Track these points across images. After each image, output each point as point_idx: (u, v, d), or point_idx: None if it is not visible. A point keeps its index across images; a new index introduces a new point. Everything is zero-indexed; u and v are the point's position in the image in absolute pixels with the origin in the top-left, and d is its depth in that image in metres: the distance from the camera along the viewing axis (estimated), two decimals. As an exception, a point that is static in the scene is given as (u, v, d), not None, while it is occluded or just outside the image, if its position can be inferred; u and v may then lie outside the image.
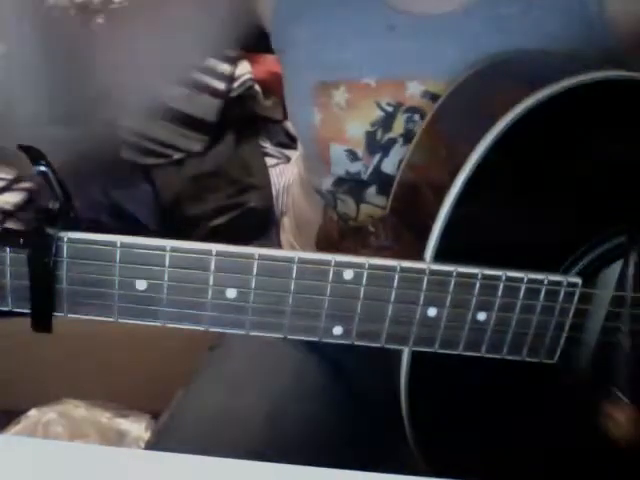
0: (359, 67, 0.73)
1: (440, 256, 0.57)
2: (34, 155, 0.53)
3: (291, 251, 0.55)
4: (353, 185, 0.77)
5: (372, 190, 0.76)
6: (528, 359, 0.59)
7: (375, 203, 0.76)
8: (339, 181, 0.79)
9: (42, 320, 0.55)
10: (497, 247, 0.59)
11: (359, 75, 0.73)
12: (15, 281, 0.53)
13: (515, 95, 0.57)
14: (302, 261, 0.54)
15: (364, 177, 0.76)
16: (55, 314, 0.55)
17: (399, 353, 0.60)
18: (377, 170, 0.75)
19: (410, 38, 0.72)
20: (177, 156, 1.44)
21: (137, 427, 1.28)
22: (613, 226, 0.60)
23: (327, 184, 0.80)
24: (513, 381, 0.62)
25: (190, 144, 1.44)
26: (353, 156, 0.75)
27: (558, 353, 0.60)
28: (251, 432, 0.73)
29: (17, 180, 1.39)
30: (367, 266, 0.54)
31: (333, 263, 0.54)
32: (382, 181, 0.75)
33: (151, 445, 0.76)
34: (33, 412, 1.27)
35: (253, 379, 0.79)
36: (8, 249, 0.52)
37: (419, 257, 0.57)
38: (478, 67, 0.67)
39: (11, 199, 1.34)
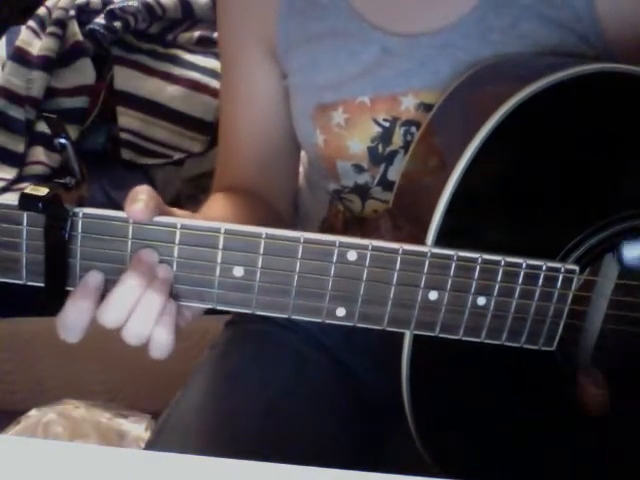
0: (353, 87, 0.74)
1: (440, 242, 0.58)
2: (56, 126, 0.53)
3: (297, 231, 0.56)
4: (359, 186, 0.79)
5: (378, 188, 0.77)
6: (527, 346, 0.60)
7: (380, 198, 0.77)
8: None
9: (54, 295, 0.55)
10: (497, 234, 0.60)
11: (354, 95, 0.74)
12: (30, 255, 0.54)
13: (511, 90, 0.58)
14: (307, 241, 0.55)
15: (371, 186, 0.77)
16: (68, 288, 0.55)
17: (400, 348, 0.61)
18: (384, 178, 0.76)
19: (403, 57, 0.73)
20: (177, 156, 1.44)
21: (137, 427, 1.28)
22: (613, 214, 0.60)
23: (333, 187, 0.81)
24: (514, 372, 0.63)
25: (190, 144, 1.44)
26: (359, 169, 0.77)
27: (557, 340, 0.60)
28: (248, 430, 0.73)
29: (17, 180, 1.39)
30: (370, 248, 0.56)
31: (337, 244, 0.55)
32: (388, 185, 0.76)
33: (149, 443, 0.76)
34: (33, 412, 1.27)
35: (251, 378, 0.79)
36: (25, 221, 0.53)
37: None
38: (468, 74, 0.68)
39: (11, 199, 1.34)
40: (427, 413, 0.64)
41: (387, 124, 0.74)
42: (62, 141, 0.53)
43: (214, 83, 1.42)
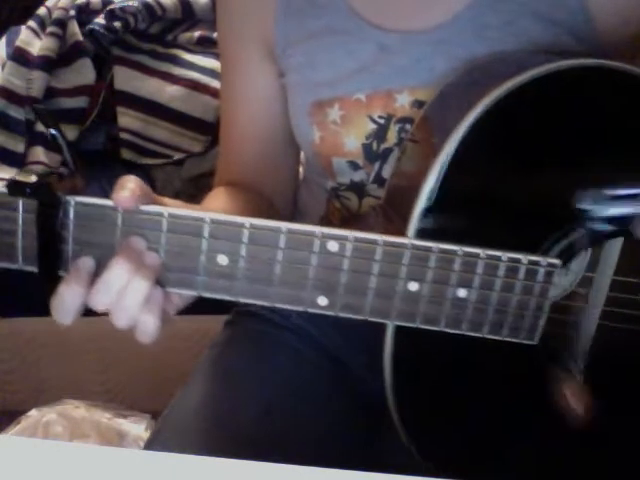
0: (349, 84, 0.75)
1: (421, 234, 0.59)
2: (47, 119, 0.55)
3: (279, 221, 0.57)
4: (355, 183, 0.79)
5: (373, 186, 0.78)
6: (508, 339, 0.60)
7: (377, 196, 0.78)
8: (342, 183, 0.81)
9: (48, 279, 0.57)
10: (478, 228, 0.60)
11: (350, 92, 0.75)
12: (25, 240, 0.56)
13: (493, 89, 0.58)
14: (290, 231, 0.56)
15: (367, 184, 0.78)
16: (60, 273, 0.57)
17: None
18: (378, 176, 0.77)
19: (399, 54, 0.73)
20: (177, 156, 1.44)
21: (137, 427, 1.28)
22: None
23: (330, 184, 0.82)
24: (500, 365, 0.63)
25: (190, 144, 1.44)
26: (355, 166, 0.77)
27: (538, 334, 0.61)
28: (246, 429, 0.73)
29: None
30: (351, 239, 0.57)
31: (319, 235, 0.57)
32: (383, 182, 0.77)
33: (149, 442, 0.76)
34: (33, 412, 1.27)
35: (250, 377, 0.79)
36: (21, 208, 0.55)
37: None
38: (459, 72, 0.68)
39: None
40: (411, 405, 0.64)
41: (382, 121, 0.74)
42: (53, 132, 0.56)
43: (214, 83, 1.42)
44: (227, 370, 0.81)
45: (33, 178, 0.54)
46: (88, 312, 0.60)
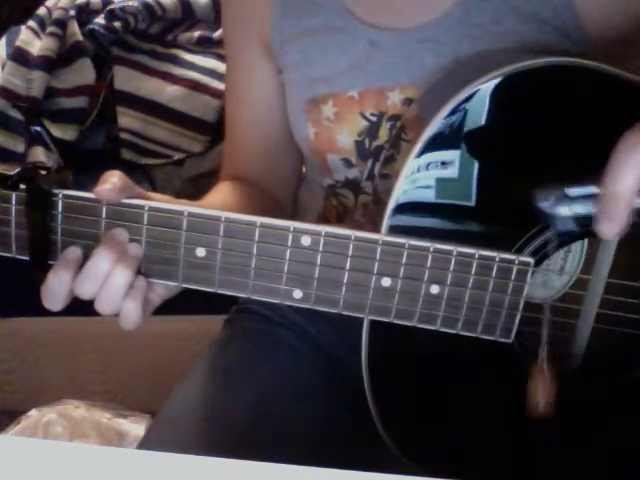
0: (343, 81, 0.76)
1: (395, 231, 0.59)
2: (30, 115, 0.57)
3: (254, 216, 0.59)
4: (350, 181, 0.80)
5: (368, 183, 0.79)
6: (484, 336, 0.61)
7: (371, 193, 0.79)
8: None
9: (39, 267, 0.60)
10: (455, 225, 0.61)
11: (344, 89, 0.76)
12: (18, 231, 0.60)
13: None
14: (264, 225, 0.58)
15: (361, 181, 0.79)
16: (51, 262, 0.60)
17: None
18: (371, 174, 0.78)
19: (390, 51, 0.74)
20: (177, 156, 1.44)
21: (137, 427, 1.27)
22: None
23: (327, 182, 0.83)
24: (477, 360, 0.63)
25: (190, 144, 1.44)
26: (348, 163, 0.78)
27: (514, 332, 0.61)
28: (240, 425, 0.73)
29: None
30: (323, 234, 0.58)
31: (292, 229, 0.58)
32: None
33: (144, 439, 0.76)
34: (33, 412, 1.27)
35: (246, 374, 0.79)
36: (14, 200, 0.58)
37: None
38: (446, 71, 0.68)
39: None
40: (387, 397, 0.65)
41: (374, 119, 0.75)
42: (37, 128, 0.57)
43: (214, 83, 1.42)
44: (225, 368, 0.81)
45: (15, 171, 0.57)
46: (88, 312, 0.61)
